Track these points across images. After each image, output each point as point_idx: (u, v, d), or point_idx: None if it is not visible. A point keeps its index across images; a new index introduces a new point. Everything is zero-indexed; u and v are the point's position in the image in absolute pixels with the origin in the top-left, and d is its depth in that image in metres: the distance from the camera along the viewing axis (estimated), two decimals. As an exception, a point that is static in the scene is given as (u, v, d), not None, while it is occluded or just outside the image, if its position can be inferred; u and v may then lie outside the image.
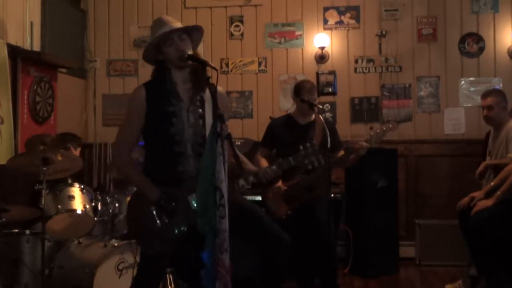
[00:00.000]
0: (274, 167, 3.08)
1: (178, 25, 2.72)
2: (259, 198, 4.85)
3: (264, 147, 4.33)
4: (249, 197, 4.87)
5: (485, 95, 4.55)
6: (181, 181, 2.63)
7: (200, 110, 2.71)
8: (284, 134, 4.21)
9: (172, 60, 2.67)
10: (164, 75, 2.70)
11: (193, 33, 2.78)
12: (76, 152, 4.37)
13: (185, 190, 2.61)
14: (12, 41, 4.59)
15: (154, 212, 2.59)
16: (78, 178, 4.22)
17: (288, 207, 4.07)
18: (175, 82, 2.69)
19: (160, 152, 2.68)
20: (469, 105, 5.73)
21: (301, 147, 2.98)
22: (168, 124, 2.64)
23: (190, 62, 2.66)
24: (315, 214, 3.96)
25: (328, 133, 3.93)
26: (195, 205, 2.57)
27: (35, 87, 4.77)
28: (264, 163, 4.05)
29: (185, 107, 2.67)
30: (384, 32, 5.84)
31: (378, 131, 3.92)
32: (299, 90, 4.22)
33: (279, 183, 4.10)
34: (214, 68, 2.55)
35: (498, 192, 3.97)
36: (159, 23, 2.74)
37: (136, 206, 2.71)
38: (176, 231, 2.57)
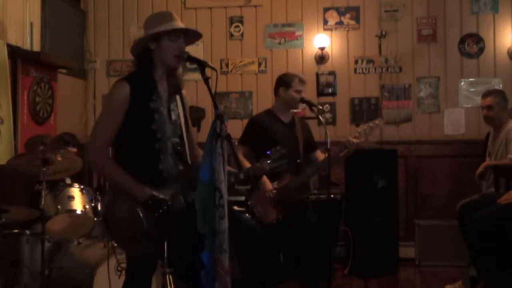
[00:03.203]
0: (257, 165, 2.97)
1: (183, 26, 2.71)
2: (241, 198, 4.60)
3: (246, 145, 3.91)
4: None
5: (485, 95, 4.57)
6: (161, 180, 2.58)
7: (177, 110, 2.72)
8: (270, 133, 3.85)
9: (166, 55, 2.63)
10: (147, 69, 2.66)
11: (193, 39, 2.81)
12: (73, 149, 4.35)
13: (169, 190, 2.58)
14: (12, 42, 4.59)
15: (140, 213, 2.49)
16: (78, 178, 4.21)
17: (277, 212, 3.76)
18: (156, 79, 2.67)
19: (140, 150, 2.60)
20: (469, 105, 5.73)
21: (268, 152, 2.96)
22: (149, 120, 2.60)
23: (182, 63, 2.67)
24: (304, 217, 3.81)
25: (303, 132, 3.94)
26: (184, 204, 2.56)
27: (35, 88, 4.77)
28: (247, 163, 3.69)
29: (165, 105, 2.66)
30: (384, 33, 5.83)
31: (365, 128, 3.91)
32: (289, 81, 3.85)
33: (268, 187, 3.76)
34: (213, 68, 2.55)
35: None
36: (168, 15, 2.69)
37: (118, 207, 2.56)
38: (163, 232, 2.50)
